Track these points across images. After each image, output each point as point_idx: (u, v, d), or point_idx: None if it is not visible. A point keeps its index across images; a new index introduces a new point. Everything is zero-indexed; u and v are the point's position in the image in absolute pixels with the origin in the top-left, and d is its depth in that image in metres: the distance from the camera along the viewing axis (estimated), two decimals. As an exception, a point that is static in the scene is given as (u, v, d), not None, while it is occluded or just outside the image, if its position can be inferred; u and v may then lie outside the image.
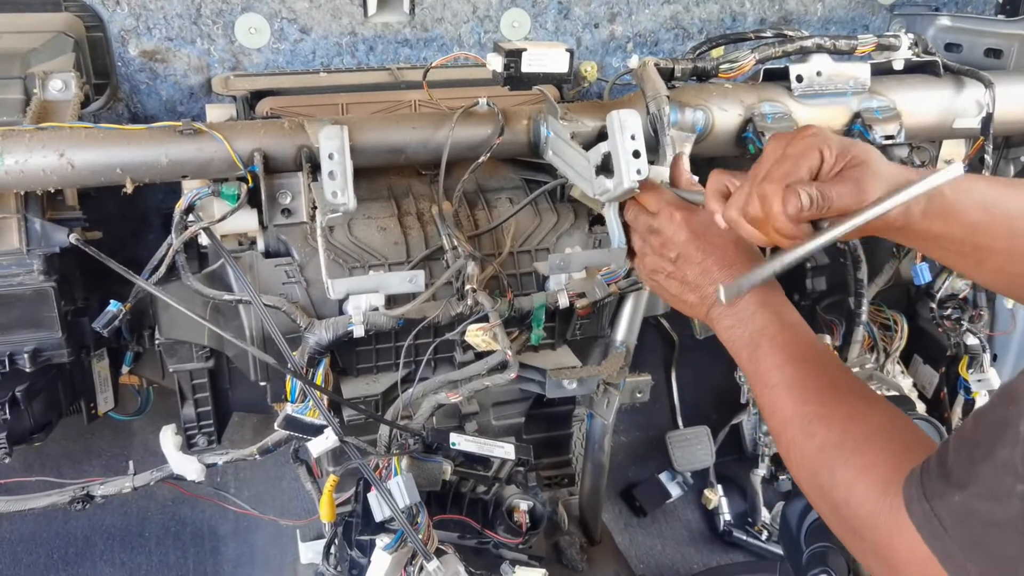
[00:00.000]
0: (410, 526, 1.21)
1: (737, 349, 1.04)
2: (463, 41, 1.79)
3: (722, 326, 1.07)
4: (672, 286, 1.16)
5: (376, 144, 1.36)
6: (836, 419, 0.90)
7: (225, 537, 2.04)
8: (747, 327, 1.03)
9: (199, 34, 1.64)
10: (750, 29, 1.89)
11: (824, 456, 0.87)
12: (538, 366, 1.49)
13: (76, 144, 1.25)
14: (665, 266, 1.16)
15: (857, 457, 0.84)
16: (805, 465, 0.90)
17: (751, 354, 1.01)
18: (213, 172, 1.34)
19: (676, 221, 1.14)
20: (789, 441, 0.93)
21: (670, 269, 1.15)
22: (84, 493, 1.53)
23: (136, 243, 1.81)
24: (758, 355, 1.00)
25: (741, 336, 1.03)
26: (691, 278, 1.12)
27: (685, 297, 1.14)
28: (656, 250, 1.17)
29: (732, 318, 1.05)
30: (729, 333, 1.06)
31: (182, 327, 1.50)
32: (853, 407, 0.91)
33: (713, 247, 1.11)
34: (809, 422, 0.91)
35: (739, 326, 1.04)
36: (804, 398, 0.93)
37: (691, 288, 1.12)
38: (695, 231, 1.12)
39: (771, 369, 0.98)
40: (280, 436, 1.49)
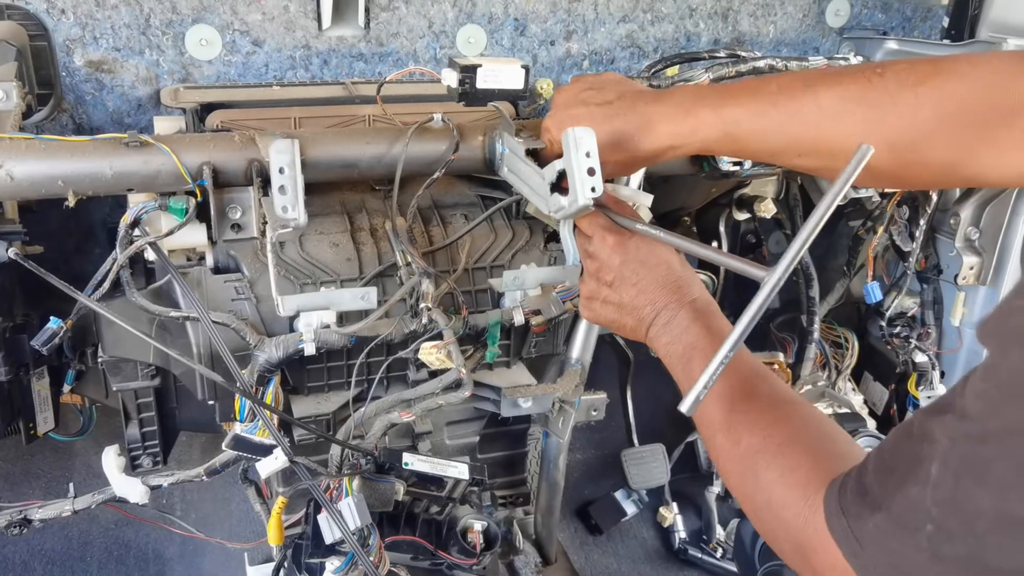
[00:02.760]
0: (361, 548, 1.18)
1: (672, 364, 1.06)
2: (419, 56, 1.78)
3: (659, 344, 1.09)
4: (609, 311, 1.17)
5: (329, 159, 1.34)
6: (760, 424, 0.91)
7: (171, 561, 1.98)
8: (681, 342, 1.05)
9: (148, 45, 1.61)
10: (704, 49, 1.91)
11: (748, 460, 0.89)
12: (493, 384, 1.47)
13: (16, 155, 1.21)
14: (601, 290, 1.17)
15: (779, 460, 0.85)
16: (733, 471, 0.92)
17: (684, 366, 1.03)
18: (160, 186, 1.30)
19: (609, 244, 1.16)
20: (719, 448, 0.95)
21: (606, 293, 1.16)
22: (21, 517, 1.47)
23: (81, 258, 1.76)
24: (691, 367, 1.01)
25: (675, 351, 1.05)
26: (627, 300, 1.13)
27: (623, 321, 1.15)
28: (592, 275, 1.19)
29: (668, 335, 1.07)
30: (666, 350, 1.08)
31: (127, 345, 1.46)
32: (778, 412, 0.93)
33: (648, 268, 1.13)
34: (735, 428, 0.92)
35: (674, 342, 1.06)
36: (731, 405, 0.94)
37: (628, 311, 1.14)
38: (629, 253, 1.14)
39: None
40: (228, 457, 1.45)
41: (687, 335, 1.05)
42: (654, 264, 1.13)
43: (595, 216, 1.20)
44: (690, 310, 1.07)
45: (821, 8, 2.00)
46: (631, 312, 1.13)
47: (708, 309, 1.09)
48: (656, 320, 1.11)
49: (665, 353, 1.08)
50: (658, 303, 1.11)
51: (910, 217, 1.94)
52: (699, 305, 1.09)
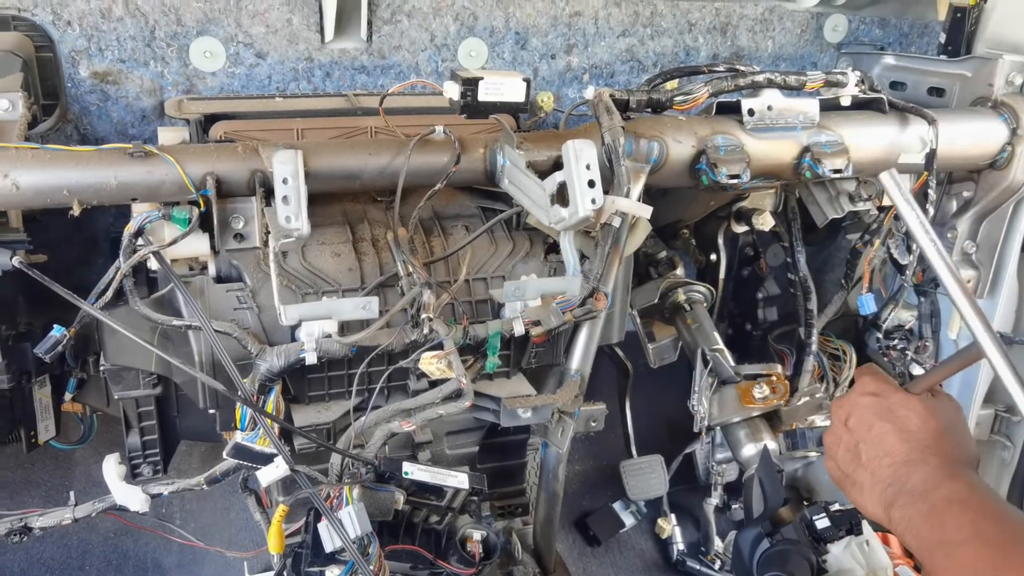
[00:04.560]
0: (361, 557, 1.19)
1: (919, 523, 0.98)
2: (420, 69, 1.80)
3: (900, 503, 1.02)
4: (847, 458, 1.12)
5: (332, 170, 1.36)
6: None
7: (169, 570, 1.98)
8: (930, 499, 0.98)
9: (152, 56, 1.62)
10: (704, 63, 1.93)
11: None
12: (493, 394, 1.48)
13: (22, 165, 1.23)
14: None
15: None
16: None
17: (936, 523, 0.95)
18: (164, 195, 1.31)
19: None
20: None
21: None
22: (22, 525, 1.48)
23: (84, 268, 1.77)
24: (946, 517, 0.94)
25: (923, 510, 0.98)
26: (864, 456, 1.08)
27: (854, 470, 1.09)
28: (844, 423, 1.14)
29: (910, 496, 1.01)
30: (909, 510, 1.00)
31: (128, 353, 1.46)
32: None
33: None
34: (1009, 566, 0.85)
35: (920, 501, 0.99)
36: (1006, 547, 0.87)
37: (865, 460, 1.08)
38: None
39: (962, 526, 0.92)
40: (229, 465, 1.45)
41: (940, 489, 0.97)
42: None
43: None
44: (943, 466, 1.01)
45: (819, 24, 2.02)
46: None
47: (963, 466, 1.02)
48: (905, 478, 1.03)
49: (905, 514, 1.00)
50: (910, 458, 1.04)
51: (907, 230, 1.95)
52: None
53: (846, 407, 1.14)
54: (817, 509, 1.46)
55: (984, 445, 2.10)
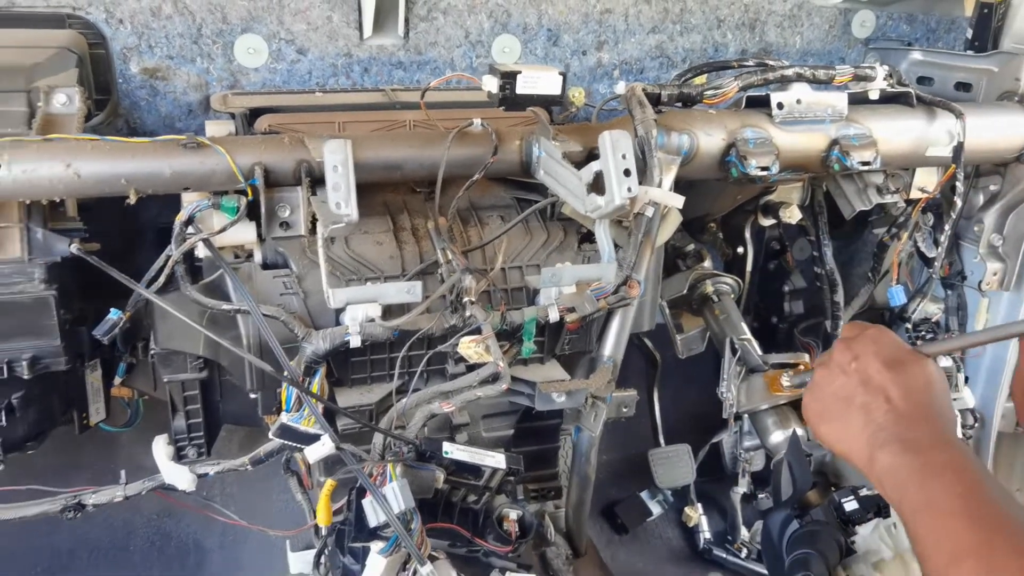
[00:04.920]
0: (405, 531, 1.23)
1: (905, 475, 0.97)
2: (455, 65, 1.85)
3: (889, 450, 1.01)
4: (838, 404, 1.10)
5: (374, 160, 1.41)
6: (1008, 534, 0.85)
7: (211, 551, 2.05)
8: (923, 456, 0.97)
9: (199, 53, 1.68)
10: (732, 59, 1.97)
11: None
12: (528, 379, 1.53)
13: (82, 155, 1.29)
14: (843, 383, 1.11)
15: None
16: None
17: (924, 482, 0.95)
18: (214, 185, 1.37)
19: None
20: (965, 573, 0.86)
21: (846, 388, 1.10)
22: (76, 502, 1.55)
23: (130, 256, 1.82)
24: (936, 483, 0.93)
25: (912, 465, 0.97)
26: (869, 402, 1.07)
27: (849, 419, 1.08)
28: (839, 365, 1.13)
29: (902, 445, 1.00)
30: (896, 458, 0.99)
31: (178, 337, 1.52)
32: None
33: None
34: (996, 557, 0.85)
35: (911, 455, 0.99)
36: (991, 530, 0.87)
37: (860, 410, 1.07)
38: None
39: (952, 496, 0.92)
40: (273, 446, 1.51)
41: (935, 451, 0.97)
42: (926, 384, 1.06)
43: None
44: (938, 424, 1.01)
45: (847, 19, 2.05)
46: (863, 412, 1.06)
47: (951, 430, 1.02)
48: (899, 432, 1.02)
49: (896, 462, 0.99)
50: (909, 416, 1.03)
51: (935, 224, 1.98)
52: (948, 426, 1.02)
53: (854, 349, 1.11)
54: (845, 492, 1.49)
55: (1009, 438, 2.12)
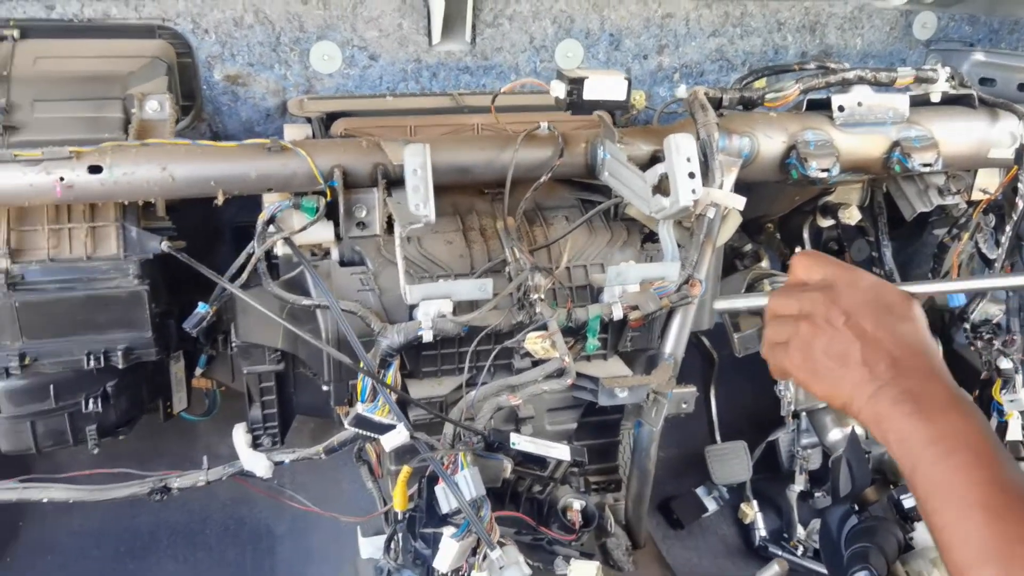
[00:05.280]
0: (476, 517, 1.29)
1: (918, 446, 0.85)
2: (520, 69, 1.91)
3: (899, 411, 0.87)
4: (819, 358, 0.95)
5: (446, 164, 1.47)
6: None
7: (282, 536, 2.14)
8: (937, 424, 0.85)
9: (277, 60, 1.77)
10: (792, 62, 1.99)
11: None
12: (591, 374, 1.58)
13: (177, 158, 1.37)
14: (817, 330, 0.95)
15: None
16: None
17: (940, 458, 0.83)
18: (295, 186, 1.45)
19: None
20: (976, 529, 0.79)
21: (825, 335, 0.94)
22: (162, 485, 1.64)
23: (210, 253, 1.92)
24: (953, 462, 0.82)
25: (926, 433, 0.84)
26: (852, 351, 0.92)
27: (835, 373, 0.93)
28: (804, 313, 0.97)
29: (914, 405, 0.86)
30: (907, 421, 0.86)
31: (258, 331, 1.61)
32: None
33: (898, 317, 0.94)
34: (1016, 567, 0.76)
35: (923, 421, 0.85)
36: (1015, 536, 0.78)
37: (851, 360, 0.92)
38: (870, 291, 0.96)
39: (973, 484, 0.81)
40: (346, 435, 1.59)
41: (948, 419, 0.84)
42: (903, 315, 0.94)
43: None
44: (949, 385, 0.88)
45: (908, 21, 2.06)
46: (854, 362, 0.91)
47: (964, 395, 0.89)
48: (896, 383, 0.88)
49: (903, 426, 0.86)
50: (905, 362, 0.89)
51: (996, 224, 1.97)
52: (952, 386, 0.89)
53: (841, 304, 0.94)
54: (904, 489, 1.51)
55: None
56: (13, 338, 1.46)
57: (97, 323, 1.49)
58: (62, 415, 1.56)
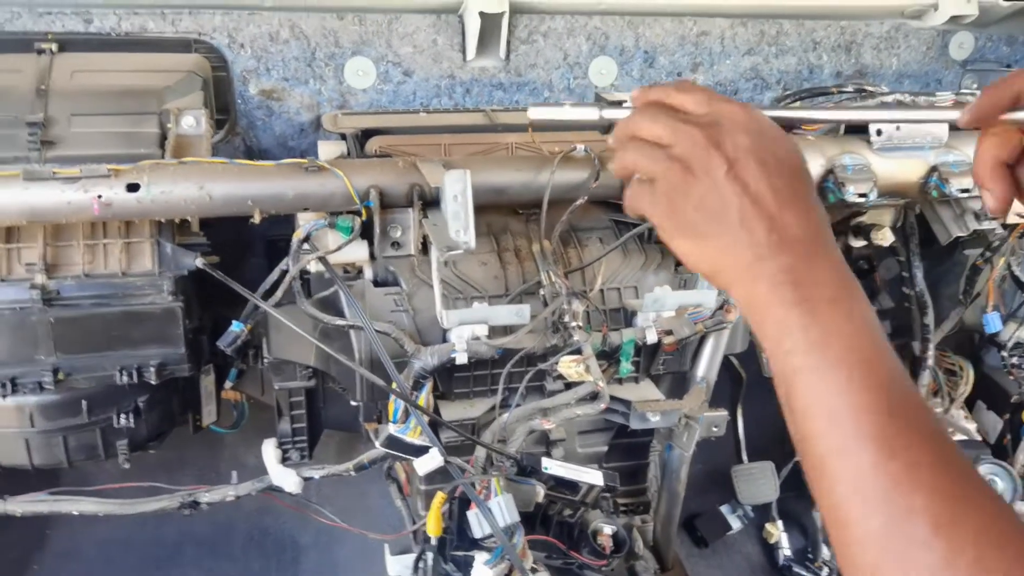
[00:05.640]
0: (509, 543, 1.29)
1: (797, 348, 0.68)
2: (553, 86, 1.90)
3: (777, 296, 0.70)
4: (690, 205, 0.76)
5: (482, 185, 1.46)
6: (967, 528, 0.60)
7: (307, 548, 2.14)
8: (821, 321, 0.68)
9: (312, 75, 1.76)
10: (828, 82, 1.98)
11: (910, 511, 0.60)
12: (623, 398, 1.57)
13: (214, 177, 1.37)
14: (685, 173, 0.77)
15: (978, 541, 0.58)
16: (873, 519, 0.62)
17: (823, 369, 0.67)
18: (332, 206, 1.45)
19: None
20: (868, 531, 0.62)
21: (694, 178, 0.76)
22: (191, 500, 1.65)
23: (242, 267, 1.92)
24: (840, 376, 0.66)
25: (807, 333, 0.68)
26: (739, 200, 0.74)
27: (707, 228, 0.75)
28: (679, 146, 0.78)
29: (795, 290, 0.70)
30: (786, 312, 0.69)
31: (291, 348, 1.61)
32: (991, 519, 0.61)
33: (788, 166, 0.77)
34: (923, 520, 0.60)
35: (806, 314, 0.68)
36: (913, 484, 0.61)
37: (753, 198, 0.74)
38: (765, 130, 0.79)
39: (863, 410, 0.64)
40: (376, 454, 1.58)
41: (834, 314, 0.68)
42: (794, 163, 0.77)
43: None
44: (841, 273, 0.71)
45: (945, 41, 2.03)
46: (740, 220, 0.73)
47: (854, 283, 0.72)
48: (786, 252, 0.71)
49: (778, 317, 0.69)
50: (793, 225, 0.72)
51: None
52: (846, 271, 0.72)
53: (724, 150, 0.75)
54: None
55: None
56: (47, 353, 1.46)
57: (131, 339, 1.49)
58: (94, 430, 1.57)
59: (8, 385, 1.47)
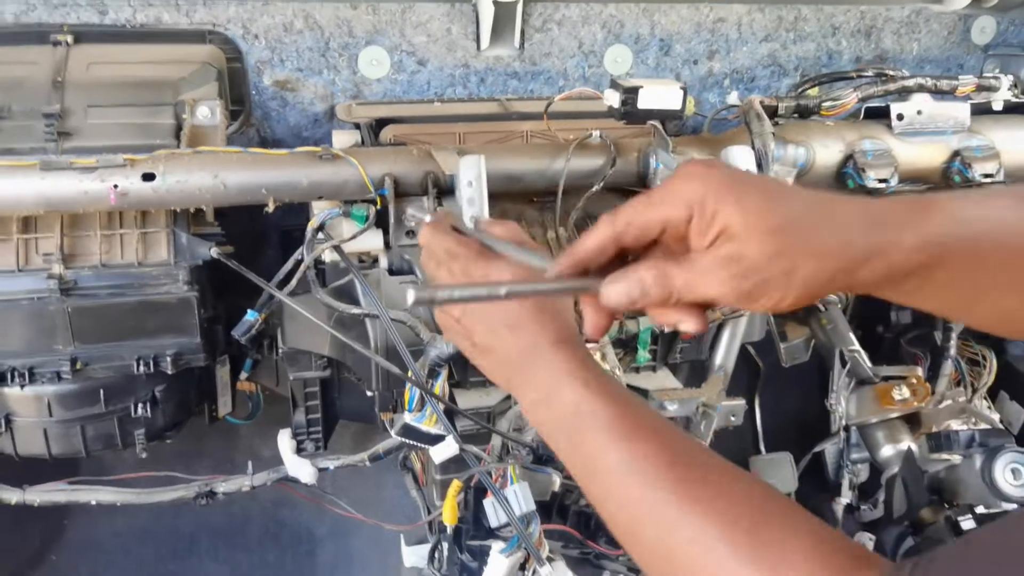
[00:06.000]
0: (525, 532, 1.28)
1: (550, 433, 0.80)
2: (568, 75, 1.88)
3: (526, 400, 0.83)
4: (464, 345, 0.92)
5: (497, 172, 1.45)
6: (707, 501, 0.67)
7: (322, 540, 2.14)
8: (555, 405, 0.79)
9: (326, 65, 1.76)
10: (846, 67, 1.95)
11: (704, 553, 0.65)
12: (640, 387, 1.55)
13: (229, 166, 1.37)
14: (452, 324, 0.91)
15: (761, 552, 0.63)
16: (675, 568, 0.67)
17: (571, 439, 0.77)
18: (346, 194, 1.44)
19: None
20: (640, 538, 0.70)
21: (457, 328, 0.91)
22: (208, 490, 1.65)
23: (257, 257, 1.92)
24: (582, 438, 0.76)
25: (550, 417, 0.80)
26: (479, 339, 0.88)
27: (479, 361, 0.90)
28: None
29: (535, 391, 0.81)
30: (535, 412, 0.82)
31: (306, 338, 1.60)
32: (725, 484, 0.70)
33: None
34: (668, 507, 0.68)
35: (543, 403, 0.80)
36: (655, 480, 0.69)
37: (481, 351, 0.89)
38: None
39: (599, 452, 0.74)
40: (391, 443, 1.58)
41: (562, 395, 0.78)
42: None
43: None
44: (560, 363, 0.80)
45: (967, 25, 2.00)
46: (485, 353, 0.88)
47: (580, 358, 0.81)
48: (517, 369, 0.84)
49: (535, 419, 0.83)
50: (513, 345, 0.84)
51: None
52: (570, 353, 0.82)
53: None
54: (962, 510, 1.47)
55: None
56: (65, 343, 1.47)
57: (147, 328, 1.50)
58: (111, 419, 1.57)
59: (26, 375, 1.47)
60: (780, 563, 0.62)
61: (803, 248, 0.66)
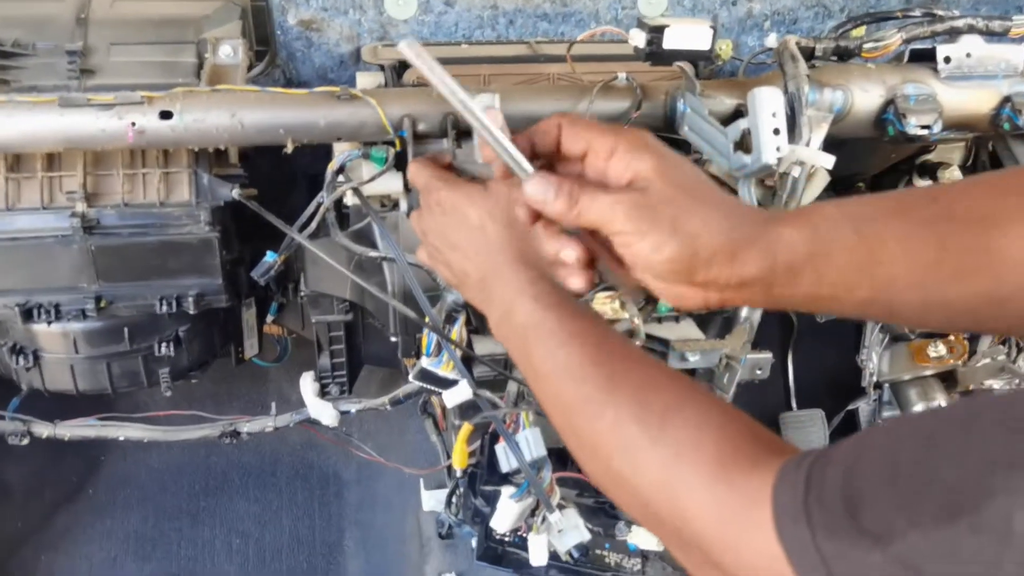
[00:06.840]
0: (536, 478, 1.27)
1: (511, 348, 0.87)
2: (600, 17, 1.82)
3: (493, 318, 0.90)
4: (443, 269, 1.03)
5: (519, 113, 1.41)
6: (627, 391, 0.72)
7: (349, 483, 2.18)
8: (512, 319, 0.84)
9: (352, 5, 1.73)
10: (895, 7, 1.85)
11: (620, 436, 0.70)
12: (662, 337, 1.52)
13: (246, 105, 1.36)
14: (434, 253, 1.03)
15: (669, 432, 0.67)
16: (598, 455, 0.73)
17: (523, 349, 0.83)
18: (365, 136, 1.42)
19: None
20: (575, 431, 0.76)
21: (439, 257, 1.02)
22: (232, 429, 1.68)
23: (284, 202, 1.91)
24: (530, 348, 0.81)
25: (510, 332, 0.85)
26: (456, 266, 0.96)
27: (462, 290, 1.00)
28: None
29: (498, 308, 0.87)
30: (498, 328, 0.89)
31: (327, 281, 1.61)
32: (647, 377, 0.74)
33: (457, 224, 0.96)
34: (593, 401, 0.73)
35: (504, 319, 0.86)
36: (584, 377, 0.75)
37: (459, 278, 0.97)
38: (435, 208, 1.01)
39: (543, 357, 0.79)
40: (411, 388, 1.58)
41: (516, 313, 0.83)
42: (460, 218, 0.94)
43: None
44: (514, 281, 0.85)
45: (1027, -37, 1.89)
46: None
47: (537, 278, 0.85)
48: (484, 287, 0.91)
49: (499, 335, 0.89)
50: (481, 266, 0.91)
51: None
52: (528, 276, 0.86)
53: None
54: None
55: None
56: (90, 281, 1.49)
57: (169, 269, 1.51)
58: (136, 357, 1.60)
59: (52, 312, 1.50)
60: (685, 441, 0.66)
61: (695, 210, 0.76)
